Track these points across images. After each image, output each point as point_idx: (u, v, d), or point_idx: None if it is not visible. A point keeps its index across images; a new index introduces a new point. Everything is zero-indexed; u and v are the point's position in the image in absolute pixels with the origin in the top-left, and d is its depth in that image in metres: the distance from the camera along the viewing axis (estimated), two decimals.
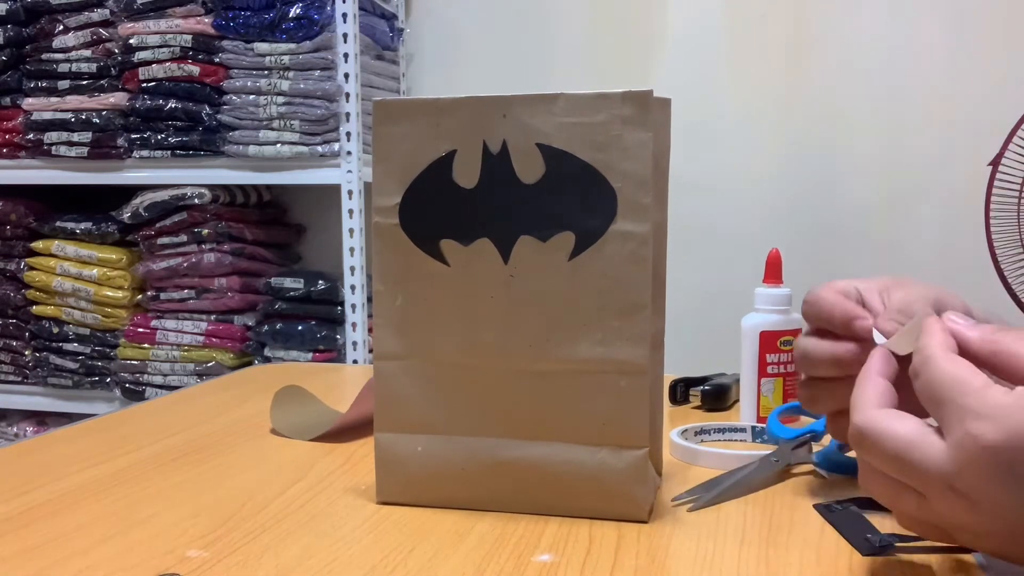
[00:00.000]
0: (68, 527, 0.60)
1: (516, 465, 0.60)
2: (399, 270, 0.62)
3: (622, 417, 0.58)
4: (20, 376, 2.14)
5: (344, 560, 0.54)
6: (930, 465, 0.44)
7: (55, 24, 1.99)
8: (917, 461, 0.45)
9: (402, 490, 0.63)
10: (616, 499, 0.59)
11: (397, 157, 0.61)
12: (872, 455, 0.47)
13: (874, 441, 0.46)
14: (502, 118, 0.58)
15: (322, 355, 1.94)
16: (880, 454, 0.46)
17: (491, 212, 0.59)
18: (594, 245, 0.57)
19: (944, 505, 0.44)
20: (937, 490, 0.44)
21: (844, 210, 1.95)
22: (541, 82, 2.07)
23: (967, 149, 1.85)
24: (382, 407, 0.63)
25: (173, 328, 2.01)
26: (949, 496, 0.44)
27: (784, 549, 0.55)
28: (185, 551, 0.55)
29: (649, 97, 0.56)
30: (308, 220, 2.24)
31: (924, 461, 0.44)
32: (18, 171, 2.06)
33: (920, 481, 0.45)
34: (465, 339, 0.61)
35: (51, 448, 0.80)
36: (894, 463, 0.46)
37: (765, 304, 0.83)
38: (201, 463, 0.74)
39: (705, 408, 0.92)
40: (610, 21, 2.05)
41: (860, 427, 0.47)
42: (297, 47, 1.85)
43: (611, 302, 0.58)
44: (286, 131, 1.88)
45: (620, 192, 0.57)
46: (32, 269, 2.08)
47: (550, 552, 0.54)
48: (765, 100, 1.98)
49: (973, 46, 1.86)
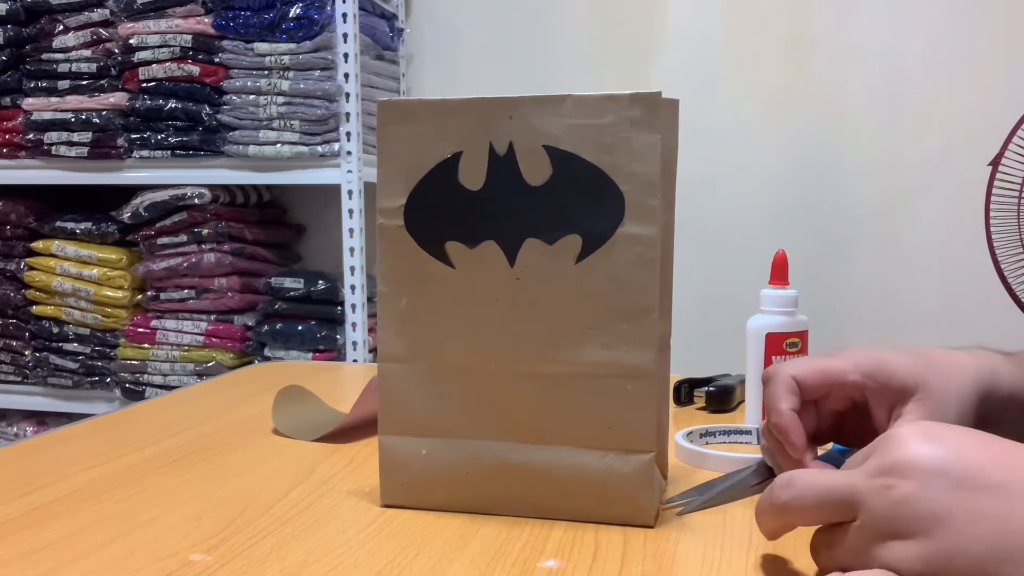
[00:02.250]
0: (70, 529, 0.59)
1: (521, 469, 0.60)
2: (404, 272, 0.61)
3: (629, 421, 0.58)
4: (20, 376, 2.14)
5: (349, 564, 0.53)
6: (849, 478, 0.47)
7: (55, 24, 1.98)
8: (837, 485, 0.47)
9: (406, 493, 0.63)
10: (622, 504, 0.59)
11: (402, 158, 0.60)
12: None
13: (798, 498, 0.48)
14: (508, 119, 0.58)
15: (322, 355, 1.94)
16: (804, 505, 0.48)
17: (497, 214, 0.58)
18: (601, 248, 0.57)
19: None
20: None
21: (844, 210, 1.95)
22: (541, 82, 2.07)
23: (967, 149, 1.85)
24: (386, 410, 0.63)
25: (173, 328, 2.01)
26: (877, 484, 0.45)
27: (792, 554, 0.54)
28: (188, 555, 0.55)
29: (658, 99, 0.56)
30: (308, 220, 2.24)
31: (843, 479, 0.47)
32: (18, 171, 2.05)
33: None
34: (470, 342, 0.60)
35: (51, 448, 0.80)
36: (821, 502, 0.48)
37: (771, 306, 0.83)
38: (203, 464, 0.74)
39: (709, 409, 0.92)
40: (610, 21, 2.05)
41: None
42: (297, 47, 1.85)
43: (618, 305, 0.57)
44: (286, 131, 1.88)
45: (628, 194, 0.56)
46: (32, 269, 2.08)
47: (556, 557, 0.54)
48: (765, 100, 1.98)
49: (973, 46, 1.86)
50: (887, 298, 1.95)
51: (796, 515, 0.49)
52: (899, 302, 1.94)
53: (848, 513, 0.46)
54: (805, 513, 0.48)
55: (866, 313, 1.96)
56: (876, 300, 1.95)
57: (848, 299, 1.96)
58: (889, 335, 1.93)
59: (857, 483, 0.46)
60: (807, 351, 0.84)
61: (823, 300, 1.91)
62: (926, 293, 1.92)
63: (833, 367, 0.58)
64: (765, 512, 0.51)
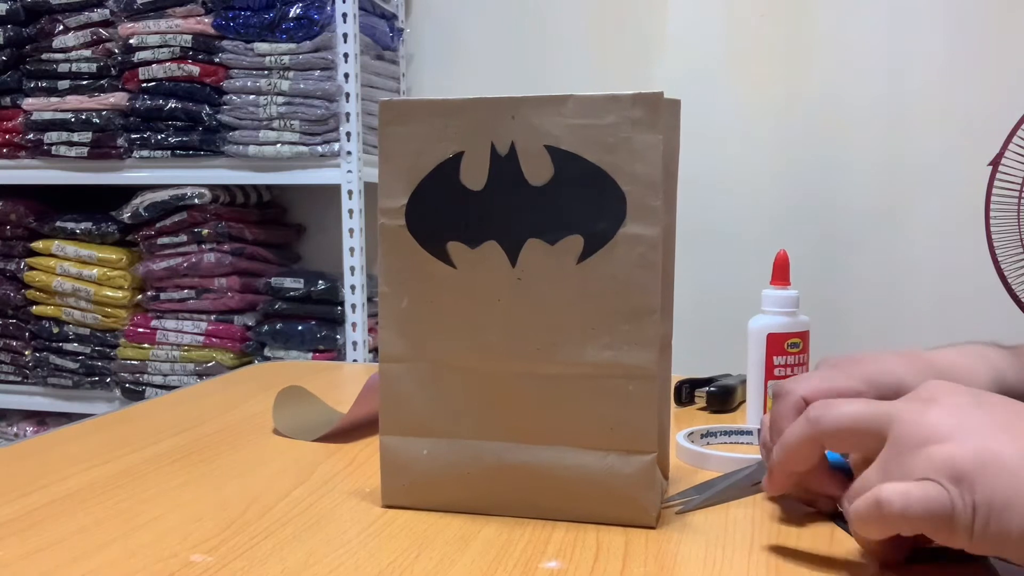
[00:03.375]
0: (70, 530, 0.59)
1: (522, 469, 0.60)
2: (405, 272, 0.61)
3: (631, 422, 0.58)
4: (20, 376, 2.14)
5: (350, 565, 0.53)
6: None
7: (55, 24, 1.98)
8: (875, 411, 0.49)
9: (407, 494, 0.63)
10: (624, 504, 0.58)
11: (404, 158, 0.60)
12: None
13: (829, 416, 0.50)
14: (510, 119, 0.58)
15: (322, 355, 1.94)
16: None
17: (499, 214, 0.58)
18: (603, 248, 0.57)
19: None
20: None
21: (844, 210, 1.95)
22: (541, 82, 2.07)
23: (967, 149, 1.85)
24: (387, 410, 0.63)
25: (173, 328, 2.01)
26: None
27: (794, 556, 0.54)
28: (189, 555, 0.55)
29: (660, 99, 0.56)
30: (308, 220, 2.24)
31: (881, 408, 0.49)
32: (18, 171, 2.05)
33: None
34: (471, 342, 0.60)
35: (51, 448, 0.79)
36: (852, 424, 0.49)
37: (772, 306, 0.82)
38: (203, 464, 0.74)
39: (710, 410, 0.92)
40: (610, 21, 2.05)
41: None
42: (297, 47, 1.85)
43: (620, 306, 0.57)
44: (286, 131, 1.87)
45: (629, 195, 0.56)
46: (32, 269, 2.07)
47: (557, 559, 0.54)
48: (765, 100, 1.98)
49: (973, 46, 1.86)
50: (888, 298, 1.95)
51: (829, 432, 0.50)
52: (899, 302, 1.94)
53: (879, 436, 0.47)
54: (839, 432, 0.49)
55: (867, 313, 1.96)
56: (877, 300, 1.95)
57: (849, 299, 1.96)
58: (889, 335, 1.93)
59: (894, 405, 0.48)
60: (808, 351, 0.84)
61: (824, 300, 1.91)
62: (926, 293, 1.92)
63: (844, 388, 0.57)
64: (792, 436, 0.51)
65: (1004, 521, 0.41)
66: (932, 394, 0.48)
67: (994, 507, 0.41)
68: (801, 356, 0.83)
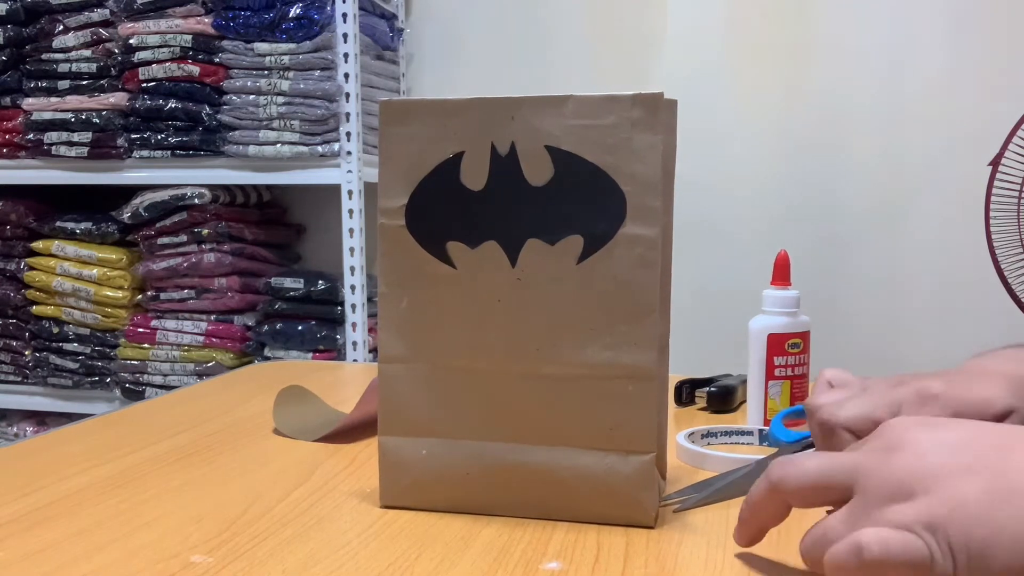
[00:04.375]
0: (70, 531, 0.59)
1: (522, 470, 0.60)
2: (405, 272, 0.61)
3: (630, 422, 0.58)
4: (20, 376, 2.13)
5: (350, 566, 0.53)
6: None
7: (55, 24, 1.98)
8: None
9: (407, 494, 0.63)
10: (624, 504, 0.58)
11: (404, 158, 0.60)
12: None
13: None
14: (511, 120, 0.58)
15: (322, 355, 1.94)
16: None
17: (499, 214, 0.58)
18: (603, 248, 0.57)
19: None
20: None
21: (844, 210, 1.95)
22: (541, 82, 2.07)
23: (967, 149, 1.85)
24: (386, 410, 0.63)
25: (173, 328, 2.01)
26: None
27: (796, 556, 0.54)
28: (189, 556, 0.55)
29: (659, 100, 0.56)
30: (308, 220, 2.24)
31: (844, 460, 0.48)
32: (18, 171, 2.05)
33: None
34: (471, 342, 0.60)
35: (51, 448, 0.79)
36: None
37: (773, 306, 0.82)
38: (203, 464, 0.74)
39: (711, 410, 0.92)
40: (610, 21, 2.05)
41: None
42: (297, 47, 1.85)
43: (619, 306, 0.57)
44: (286, 131, 1.87)
45: (629, 195, 0.56)
46: (32, 269, 2.07)
47: (558, 559, 0.54)
48: (766, 100, 1.98)
49: (973, 46, 1.86)
50: (888, 298, 1.95)
51: (792, 492, 0.49)
52: (900, 302, 1.94)
53: (845, 490, 0.46)
54: (802, 491, 0.48)
55: (867, 313, 1.96)
56: (877, 300, 1.95)
57: (849, 299, 1.96)
58: (890, 335, 1.93)
59: (856, 458, 0.47)
60: (809, 352, 0.84)
61: (824, 300, 1.91)
62: (926, 293, 1.92)
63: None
64: (757, 496, 0.50)
65: (987, 560, 0.41)
66: (897, 439, 0.46)
67: (972, 551, 0.42)
68: (802, 356, 0.83)
